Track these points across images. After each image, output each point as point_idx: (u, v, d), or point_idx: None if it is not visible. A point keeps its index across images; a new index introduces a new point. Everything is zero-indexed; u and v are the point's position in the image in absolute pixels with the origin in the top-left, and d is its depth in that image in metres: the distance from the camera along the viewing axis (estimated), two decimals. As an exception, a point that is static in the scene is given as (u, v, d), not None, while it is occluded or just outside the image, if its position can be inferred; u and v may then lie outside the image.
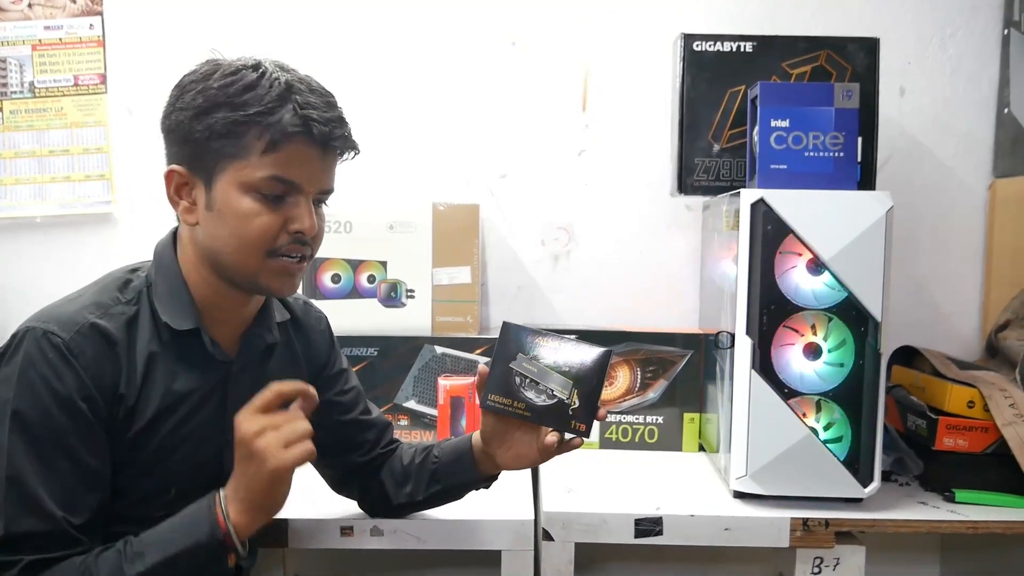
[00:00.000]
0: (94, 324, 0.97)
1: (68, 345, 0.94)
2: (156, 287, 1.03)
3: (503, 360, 1.08)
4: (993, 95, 1.78)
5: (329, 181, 1.04)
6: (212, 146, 0.97)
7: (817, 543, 1.27)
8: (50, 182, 1.82)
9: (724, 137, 1.55)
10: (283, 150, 0.97)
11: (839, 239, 1.28)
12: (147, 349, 1.00)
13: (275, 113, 0.96)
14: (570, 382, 1.07)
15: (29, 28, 1.80)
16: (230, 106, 0.96)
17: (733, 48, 1.53)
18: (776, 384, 1.30)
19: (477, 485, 1.20)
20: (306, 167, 0.99)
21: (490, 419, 1.12)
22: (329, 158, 1.02)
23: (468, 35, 1.79)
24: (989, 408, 1.35)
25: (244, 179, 0.97)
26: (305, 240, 1.01)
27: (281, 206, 0.99)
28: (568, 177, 1.81)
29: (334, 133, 1.00)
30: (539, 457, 1.11)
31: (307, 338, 1.20)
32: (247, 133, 0.96)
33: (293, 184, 0.99)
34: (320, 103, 0.99)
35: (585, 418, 1.07)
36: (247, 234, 0.98)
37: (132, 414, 0.99)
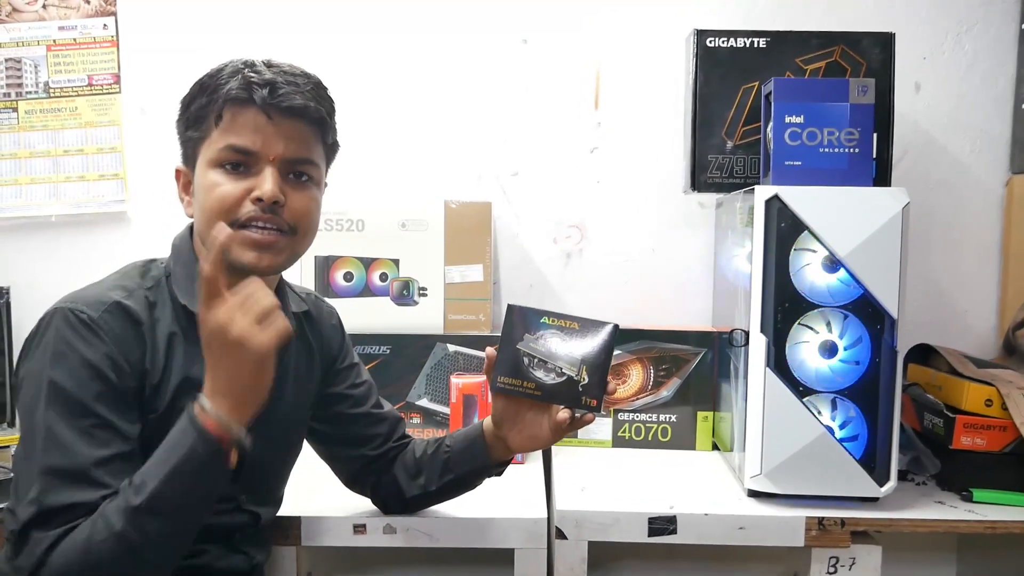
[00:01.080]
0: (119, 303, 0.99)
1: (96, 321, 0.96)
2: (175, 274, 1.05)
3: (510, 342, 1.09)
4: (1010, 91, 1.76)
5: (294, 149, 1.01)
6: (191, 136, 1.03)
7: (833, 543, 1.26)
8: (64, 181, 1.83)
9: (738, 134, 1.54)
10: (230, 117, 0.99)
11: (854, 236, 1.27)
12: (168, 330, 1.02)
13: (225, 86, 0.99)
14: (578, 359, 1.08)
15: (44, 29, 1.81)
16: (199, 94, 1.02)
17: (746, 44, 1.52)
18: (791, 382, 1.29)
19: (490, 471, 1.20)
20: (256, 133, 0.99)
21: (501, 401, 1.12)
22: (287, 124, 1.00)
23: (480, 33, 1.79)
24: (1007, 407, 1.34)
25: (208, 155, 1.01)
26: (270, 209, 0.99)
27: (244, 176, 1.00)
28: (580, 175, 1.80)
29: (278, 93, 0.99)
30: (551, 436, 1.11)
31: (320, 332, 1.21)
32: (209, 114, 1.00)
33: (246, 151, 0.99)
34: (272, 72, 1.00)
35: (596, 393, 1.08)
36: (210, 205, 0.99)
37: (156, 393, 1.00)
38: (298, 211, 1.02)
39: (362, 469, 1.24)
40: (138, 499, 0.89)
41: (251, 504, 1.11)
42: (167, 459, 0.90)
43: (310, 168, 1.04)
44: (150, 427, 1.00)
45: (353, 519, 1.24)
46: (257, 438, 1.08)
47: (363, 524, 1.24)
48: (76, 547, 0.88)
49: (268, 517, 1.15)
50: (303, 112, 1.01)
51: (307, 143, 1.03)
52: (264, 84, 0.99)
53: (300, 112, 1.01)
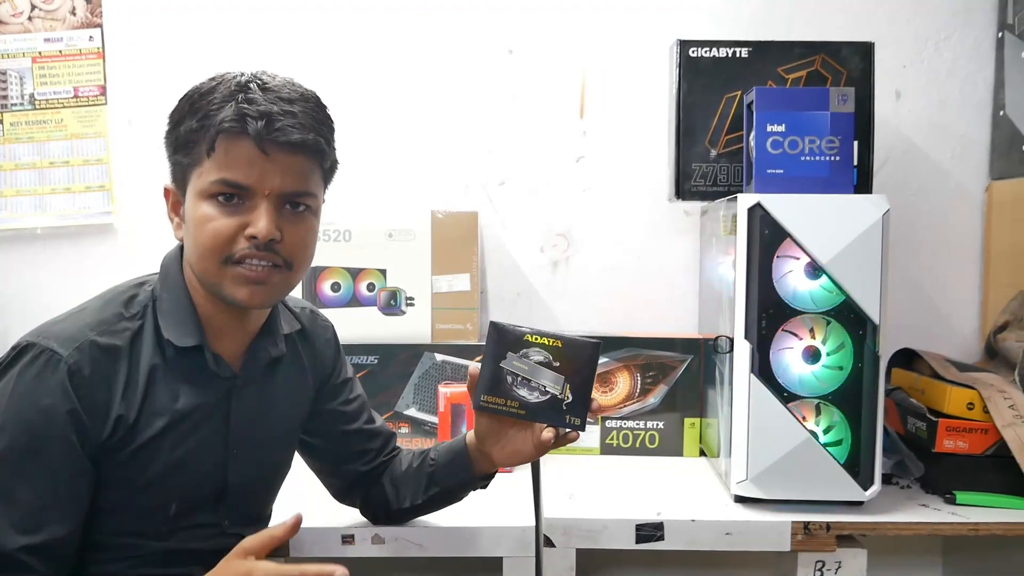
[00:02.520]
0: (94, 341, 0.95)
1: (66, 363, 0.93)
2: (161, 302, 1.02)
3: (493, 360, 1.08)
4: (988, 97, 1.79)
5: (291, 183, 0.96)
6: (180, 160, 0.98)
7: (819, 546, 1.27)
8: (50, 193, 1.83)
9: (721, 142, 1.55)
10: (223, 150, 0.94)
11: (836, 243, 1.28)
12: (149, 364, 0.99)
13: (219, 113, 0.93)
14: (562, 377, 1.07)
15: (29, 40, 1.81)
16: (189, 114, 0.96)
17: (729, 54, 1.54)
18: (775, 388, 1.30)
19: (474, 485, 1.19)
20: (252, 167, 0.94)
21: (484, 419, 1.11)
22: (282, 158, 0.95)
23: (466, 43, 1.80)
24: (989, 410, 1.35)
25: (200, 187, 0.96)
26: (265, 247, 0.95)
27: (238, 211, 0.95)
28: (566, 184, 1.82)
29: (273, 127, 0.93)
30: (535, 453, 1.11)
31: (313, 348, 1.19)
32: (200, 140, 0.95)
33: (240, 186, 0.94)
34: (267, 99, 0.94)
35: (580, 412, 1.07)
36: (203, 241, 0.96)
37: (132, 432, 0.97)
38: (294, 245, 0.99)
39: (353, 483, 1.24)
40: None
41: (236, 527, 1.08)
42: None
43: (308, 199, 1.00)
44: (121, 461, 0.97)
45: (341, 530, 1.24)
46: (245, 466, 1.08)
47: (351, 535, 1.24)
48: None
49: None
50: (301, 145, 0.96)
51: (304, 175, 0.98)
52: (259, 116, 0.93)
53: (298, 146, 0.96)
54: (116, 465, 0.98)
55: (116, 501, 0.99)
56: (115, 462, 0.98)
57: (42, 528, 0.92)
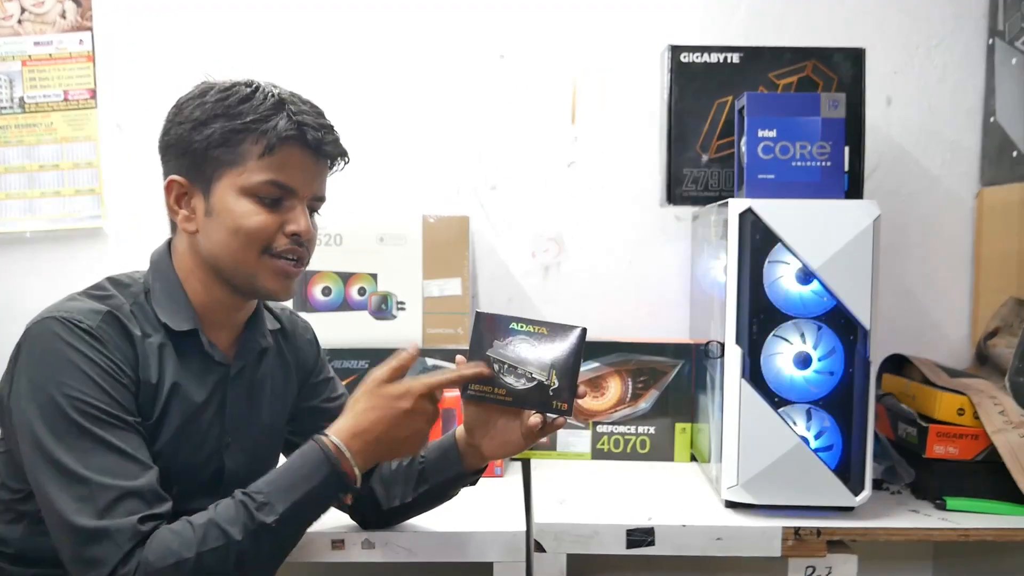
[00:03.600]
0: (110, 312, 1.01)
1: (95, 329, 0.98)
2: (154, 292, 1.07)
3: (480, 349, 1.09)
4: (979, 104, 1.79)
5: (322, 188, 1.09)
6: (211, 155, 1.03)
7: (809, 552, 1.27)
8: (40, 197, 1.82)
9: (712, 148, 1.55)
10: (279, 154, 1.02)
11: (827, 248, 1.28)
12: (158, 342, 1.04)
13: (271, 120, 1.02)
14: (548, 363, 1.08)
15: (19, 44, 1.80)
16: (227, 116, 1.02)
17: (720, 59, 1.54)
18: (766, 393, 1.30)
19: (465, 480, 1.20)
20: (301, 172, 1.04)
21: (472, 409, 1.13)
22: (322, 165, 1.08)
23: (457, 48, 1.80)
24: (979, 415, 1.36)
25: (242, 183, 1.03)
26: (301, 243, 1.05)
27: (278, 210, 1.04)
28: (558, 189, 1.82)
29: (327, 139, 1.05)
30: (523, 442, 1.12)
31: (295, 347, 1.23)
32: (244, 141, 1.02)
33: (288, 188, 1.04)
34: (312, 112, 1.06)
35: (567, 397, 1.08)
36: (245, 232, 1.03)
37: (150, 402, 1.02)
38: (311, 242, 1.09)
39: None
40: (268, 519, 0.95)
41: None
42: (296, 486, 0.97)
43: (322, 204, 1.11)
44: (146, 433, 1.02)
45: (331, 534, 1.24)
46: (239, 453, 1.12)
47: (341, 539, 1.23)
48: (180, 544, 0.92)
49: None
50: (342, 155, 1.09)
51: (326, 181, 1.11)
52: (318, 128, 1.04)
53: (340, 155, 1.09)
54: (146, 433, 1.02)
55: None
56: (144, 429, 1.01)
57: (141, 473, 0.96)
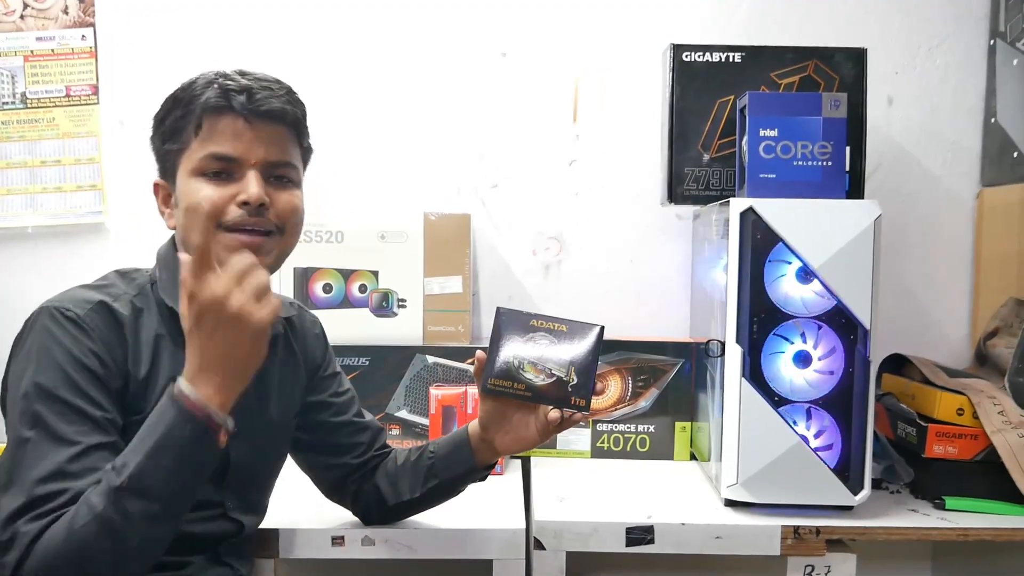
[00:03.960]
0: (103, 302, 1.00)
1: (82, 318, 0.98)
2: (160, 280, 1.07)
3: (500, 344, 1.11)
4: (980, 104, 1.80)
5: (275, 152, 1.04)
6: (168, 149, 1.04)
7: (808, 551, 1.27)
8: (41, 192, 1.82)
9: (714, 147, 1.56)
10: (209, 126, 1.01)
11: (828, 247, 1.28)
12: (154, 332, 1.03)
13: (201, 96, 1.01)
14: (567, 360, 1.10)
15: (21, 39, 1.80)
16: (173, 107, 1.04)
17: (722, 58, 1.54)
18: (766, 392, 1.31)
19: (475, 475, 1.20)
20: (238, 139, 1.01)
21: (489, 404, 1.13)
22: (265, 128, 1.03)
23: (459, 46, 1.80)
24: (978, 415, 1.36)
25: (190, 166, 1.02)
26: (256, 212, 1.01)
27: (228, 182, 1.01)
28: (559, 187, 1.82)
29: (255, 98, 1.01)
30: (538, 437, 1.13)
31: (303, 340, 1.22)
32: (186, 125, 1.02)
33: (228, 157, 1.01)
34: (247, 79, 1.03)
35: (584, 393, 1.10)
36: (194, 208, 1.00)
37: (140, 394, 1.01)
38: (284, 211, 1.04)
39: (343, 478, 1.24)
40: (119, 479, 0.87)
41: (237, 512, 1.10)
42: (145, 439, 0.89)
43: (290, 171, 1.06)
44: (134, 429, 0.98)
45: (331, 531, 1.24)
46: (245, 444, 1.09)
47: (341, 536, 1.24)
48: (59, 534, 0.87)
49: (252, 527, 1.15)
50: (281, 115, 1.04)
51: (285, 146, 1.06)
52: (241, 90, 1.01)
53: (279, 115, 1.04)
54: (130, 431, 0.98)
55: None
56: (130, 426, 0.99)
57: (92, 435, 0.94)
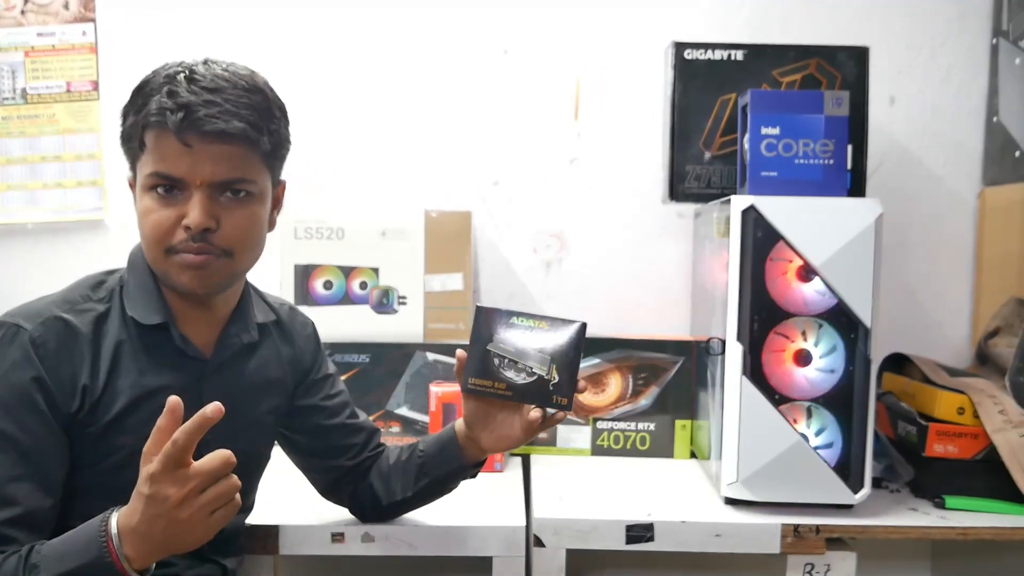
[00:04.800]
0: (58, 317, 0.98)
1: (31, 335, 0.96)
2: (127, 287, 1.04)
3: (480, 343, 1.09)
4: (982, 104, 1.79)
5: (222, 171, 0.97)
6: (127, 150, 1.01)
7: (808, 549, 1.27)
8: (42, 188, 1.82)
9: (715, 145, 1.55)
10: (151, 143, 0.96)
11: (829, 246, 1.28)
12: (115, 341, 1.01)
13: (146, 106, 0.96)
14: (548, 358, 1.08)
15: (22, 35, 1.80)
16: (131, 110, 0.99)
17: (724, 56, 1.54)
18: (767, 390, 1.30)
19: (465, 473, 1.19)
20: (179, 159, 0.95)
21: (472, 403, 1.12)
22: (207, 146, 0.95)
23: (461, 44, 1.79)
24: (979, 415, 1.36)
25: (140, 180, 0.99)
26: (200, 237, 0.97)
27: (176, 201, 0.97)
28: (560, 185, 1.82)
29: (192, 118, 0.93)
30: (523, 436, 1.11)
31: (292, 342, 1.20)
32: (135, 134, 0.98)
33: (171, 178, 0.96)
34: (190, 90, 0.94)
35: (566, 392, 1.08)
36: (146, 232, 0.99)
37: (97, 406, 0.99)
38: (233, 233, 0.99)
39: (339, 479, 1.24)
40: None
41: None
42: (67, 557, 0.87)
43: (245, 184, 1.00)
44: (90, 440, 0.99)
45: (331, 528, 1.24)
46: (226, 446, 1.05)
47: (341, 533, 1.24)
48: None
49: (238, 524, 1.15)
50: (222, 136, 0.95)
51: (235, 162, 0.98)
52: (177, 108, 0.93)
53: (218, 136, 0.95)
54: (88, 443, 0.99)
55: (90, 482, 1.00)
56: (87, 439, 0.99)
57: (19, 501, 0.93)
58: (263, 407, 1.15)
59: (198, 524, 0.86)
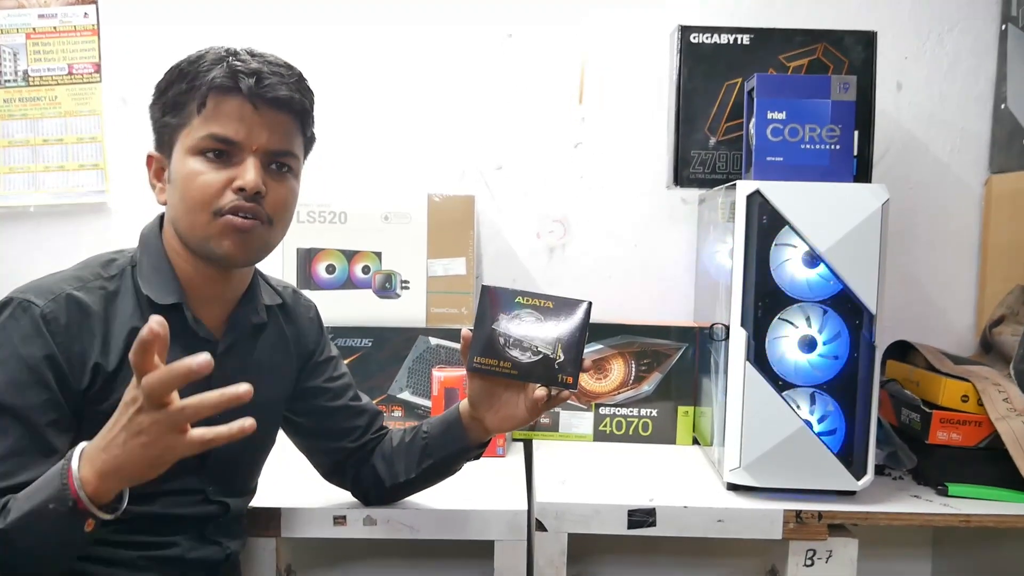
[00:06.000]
0: (70, 295, 0.98)
1: (42, 312, 0.96)
2: (141, 266, 1.05)
3: (485, 322, 1.09)
4: (990, 90, 1.78)
5: (277, 141, 1.02)
6: (168, 122, 1.02)
7: (810, 535, 1.27)
8: (44, 171, 1.82)
9: (720, 130, 1.54)
10: (213, 106, 0.99)
11: (835, 232, 1.28)
12: (129, 322, 1.01)
13: (208, 74, 0.99)
14: (553, 337, 1.08)
15: (23, 16, 1.79)
16: (177, 80, 1.01)
17: (730, 40, 1.53)
18: (770, 376, 1.30)
19: (469, 454, 1.19)
20: (241, 122, 0.99)
21: (477, 382, 1.12)
22: (270, 115, 1.00)
23: (464, 27, 1.78)
24: (983, 402, 1.35)
25: (189, 143, 1.00)
26: (252, 199, 0.99)
27: (226, 166, 1.00)
28: (564, 170, 1.81)
29: (264, 84, 0.99)
30: (527, 415, 1.12)
31: (296, 325, 1.21)
32: (189, 101, 1.00)
33: (229, 140, 0.99)
34: (258, 61, 1.00)
35: (571, 371, 1.08)
36: (191, 193, 0.99)
37: (112, 382, 0.98)
38: (277, 202, 1.03)
39: (341, 461, 1.24)
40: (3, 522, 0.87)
41: (219, 495, 1.10)
42: (34, 494, 0.87)
43: (290, 159, 1.05)
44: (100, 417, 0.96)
45: (333, 511, 1.24)
46: None
47: (343, 516, 1.24)
48: None
49: (239, 507, 1.15)
50: (288, 103, 1.02)
51: (289, 135, 1.04)
52: (251, 73, 0.99)
53: (286, 103, 1.01)
54: (99, 420, 0.96)
55: None
56: (97, 416, 0.97)
57: (19, 473, 0.92)
58: (270, 390, 1.15)
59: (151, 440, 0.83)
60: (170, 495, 1.05)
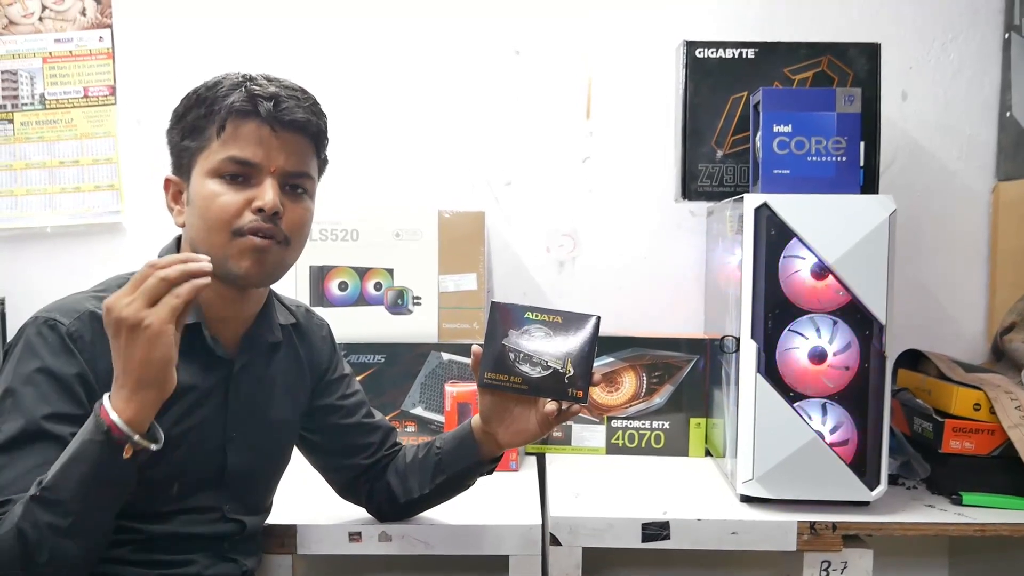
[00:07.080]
0: (93, 312, 1.00)
1: (68, 330, 0.98)
2: None
3: (495, 338, 1.11)
4: (995, 98, 1.79)
5: (294, 163, 1.04)
6: (187, 146, 1.04)
7: (824, 546, 1.27)
8: (60, 192, 1.84)
9: (727, 143, 1.55)
10: (232, 129, 1.01)
11: (843, 243, 1.28)
12: None
13: (227, 98, 1.01)
14: (563, 351, 1.10)
15: (40, 41, 1.82)
16: (196, 105, 1.03)
17: (735, 55, 1.54)
18: (781, 388, 1.31)
19: (482, 469, 1.20)
20: (259, 145, 1.01)
21: (488, 398, 1.13)
22: (288, 137, 1.03)
23: (473, 45, 1.80)
24: (995, 410, 1.36)
25: (208, 166, 1.02)
26: (270, 219, 1.01)
27: (245, 187, 1.02)
28: (573, 184, 1.82)
29: (281, 107, 1.01)
30: (539, 430, 1.13)
31: (309, 343, 1.22)
32: (208, 125, 1.02)
33: (248, 163, 1.01)
34: (275, 86, 1.03)
35: (582, 385, 1.09)
36: (211, 213, 1.01)
37: None
38: (294, 222, 1.05)
39: (356, 478, 1.25)
40: (35, 488, 0.88)
41: (236, 513, 1.11)
42: (68, 450, 0.90)
43: (306, 181, 1.07)
44: None
45: (348, 527, 1.25)
46: (244, 448, 1.10)
47: (358, 532, 1.25)
48: None
49: (255, 525, 1.16)
50: (304, 126, 1.04)
51: (305, 157, 1.06)
52: (269, 97, 1.01)
53: (302, 126, 1.04)
54: None
55: None
56: None
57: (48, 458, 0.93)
58: (285, 408, 1.17)
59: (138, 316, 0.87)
60: (188, 513, 1.06)
